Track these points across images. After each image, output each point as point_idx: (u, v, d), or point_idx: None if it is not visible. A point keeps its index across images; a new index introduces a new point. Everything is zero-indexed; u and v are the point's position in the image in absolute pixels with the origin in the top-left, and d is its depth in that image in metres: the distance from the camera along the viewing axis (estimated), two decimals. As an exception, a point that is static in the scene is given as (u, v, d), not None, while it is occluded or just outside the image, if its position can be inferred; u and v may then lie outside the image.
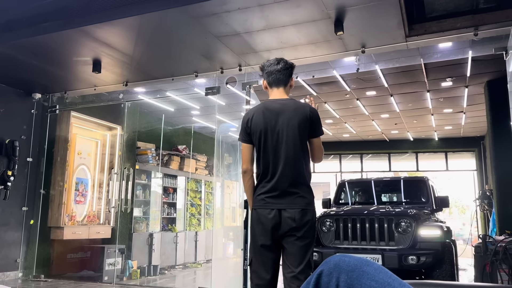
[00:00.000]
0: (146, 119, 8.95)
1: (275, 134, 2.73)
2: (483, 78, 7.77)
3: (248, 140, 2.82)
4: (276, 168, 2.70)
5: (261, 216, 2.69)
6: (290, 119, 2.72)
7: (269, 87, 2.92)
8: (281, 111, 2.75)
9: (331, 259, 1.01)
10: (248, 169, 2.82)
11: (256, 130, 2.77)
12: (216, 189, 10.66)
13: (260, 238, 2.70)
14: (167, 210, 9.54)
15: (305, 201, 2.68)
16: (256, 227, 2.73)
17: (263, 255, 2.70)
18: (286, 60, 2.95)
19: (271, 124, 2.74)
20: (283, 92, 2.88)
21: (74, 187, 7.36)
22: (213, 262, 6.71)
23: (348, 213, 5.92)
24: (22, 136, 6.84)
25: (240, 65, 5.78)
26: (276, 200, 2.68)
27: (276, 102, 2.82)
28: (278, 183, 2.68)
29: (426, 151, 13.87)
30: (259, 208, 2.73)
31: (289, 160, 2.70)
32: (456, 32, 4.68)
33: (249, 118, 2.82)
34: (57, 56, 5.64)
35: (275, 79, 2.88)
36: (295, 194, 2.67)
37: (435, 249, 5.32)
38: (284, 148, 2.70)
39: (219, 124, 8.90)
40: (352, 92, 8.60)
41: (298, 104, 2.80)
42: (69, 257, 7.28)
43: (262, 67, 2.96)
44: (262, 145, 2.75)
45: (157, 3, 4.31)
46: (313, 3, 4.15)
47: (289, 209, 2.64)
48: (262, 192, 2.73)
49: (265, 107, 2.82)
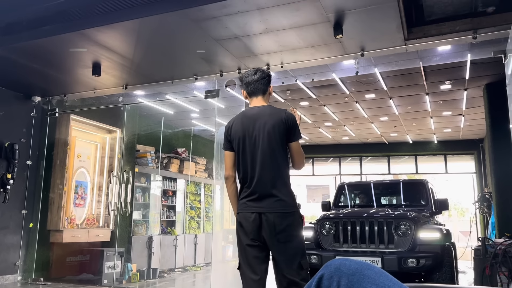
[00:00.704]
0: (145, 122, 8.95)
1: (252, 139, 2.82)
2: (482, 81, 7.79)
3: (229, 147, 2.93)
4: (254, 173, 2.78)
5: (243, 219, 2.77)
6: (265, 123, 2.81)
7: (248, 96, 3.04)
8: (258, 117, 2.86)
9: (332, 262, 1.02)
10: (230, 175, 2.91)
11: (235, 137, 2.88)
12: (216, 192, 10.63)
13: (244, 238, 2.77)
14: (166, 213, 9.53)
15: (283, 204, 2.72)
16: (239, 229, 2.80)
17: (249, 254, 2.73)
18: (263, 70, 3.06)
19: (248, 130, 2.84)
20: (262, 100, 2.99)
21: (74, 190, 7.35)
22: (212, 265, 6.70)
23: (347, 215, 5.90)
24: (22, 139, 6.84)
25: (240, 68, 5.79)
26: (255, 203, 2.75)
27: (254, 108, 2.95)
28: (257, 187, 2.76)
29: (426, 154, 13.88)
30: (241, 211, 2.81)
31: (266, 164, 2.77)
32: (455, 35, 4.70)
33: (229, 126, 2.96)
34: (57, 59, 5.64)
35: (253, 89, 2.99)
36: (274, 198, 2.72)
37: (434, 251, 5.31)
38: (261, 152, 2.78)
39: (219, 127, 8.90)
40: (351, 95, 8.61)
41: (274, 109, 2.91)
42: (68, 260, 7.27)
43: (240, 78, 3.08)
44: (241, 151, 2.85)
45: (157, 6, 4.32)
46: (313, 7, 4.17)
47: (268, 213, 2.69)
48: (243, 197, 2.82)
49: (243, 115, 2.96)
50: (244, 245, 2.76)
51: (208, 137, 10.58)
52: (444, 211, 6.92)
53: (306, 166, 15.14)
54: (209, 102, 7.09)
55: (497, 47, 4.91)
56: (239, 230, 2.81)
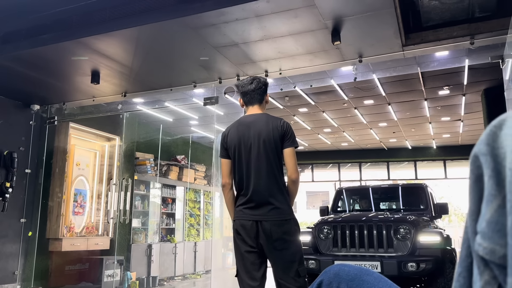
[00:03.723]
0: (144, 129, 8.96)
1: (247, 147, 2.84)
2: (480, 86, 7.82)
3: (226, 155, 2.95)
4: (249, 180, 2.80)
5: (240, 226, 2.78)
6: (261, 131, 2.84)
7: (245, 105, 3.06)
8: (253, 125, 2.88)
9: (331, 268, 1.01)
10: (226, 182, 2.92)
11: (231, 145, 2.91)
12: (215, 199, 10.62)
13: (241, 245, 2.77)
14: (166, 221, 9.50)
15: (279, 211, 2.72)
16: (236, 236, 2.81)
17: (246, 261, 2.74)
18: (260, 78, 3.07)
19: (244, 138, 2.87)
20: (258, 108, 3.01)
21: (73, 198, 7.33)
22: (212, 273, 6.68)
23: (346, 219, 5.81)
24: (21, 147, 6.84)
25: (238, 75, 5.80)
26: (252, 211, 2.76)
27: (250, 116, 2.98)
28: (253, 195, 2.77)
29: (425, 159, 13.89)
30: (238, 219, 2.81)
31: (261, 172, 2.78)
32: (453, 41, 4.72)
33: (225, 134, 2.98)
34: (55, 68, 5.65)
35: (249, 99, 3.01)
36: (270, 205, 2.73)
37: (435, 255, 5.20)
38: (255, 160, 2.80)
39: (218, 134, 8.90)
40: (350, 101, 8.63)
41: (270, 118, 2.93)
42: (68, 269, 7.23)
43: (237, 86, 3.08)
44: (237, 158, 2.87)
45: (156, 14, 4.34)
46: (310, 14, 4.18)
47: (265, 221, 2.70)
48: (240, 204, 2.83)
49: (239, 123, 2.99)
50: (241, 251, 2.77)
51: (207, 144, 10.58)
52: (444, 216, 6.86)
53: (305, 173, 15.13)
54: (208, 109, 7.09)
55: (495, 53, 4.93)
56: (236, 237, 2.83)
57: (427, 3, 4.33)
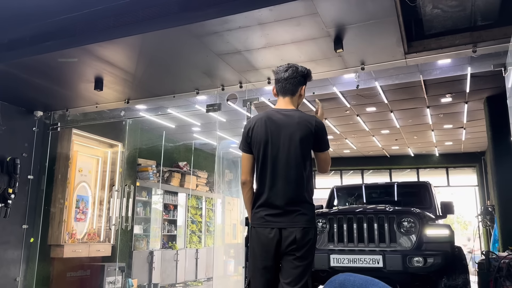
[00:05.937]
0: (147, 136, 8.97)
1: (275, 149, 2.60)
2: (483, 94, 7.82)
3: (248, 150, 2.68)
4: (274, 185, 2.58)
5: (261, 236, 2.57)
6: (292, 133, 2.59)
7: (277, 94, 2.79)
8: (284, 124, 2.61)
9: (336, 278, 1.01)
10: (247, 180, 2.68)
11: (256, 141, 2.64)
12: (217, 206, 10.63)
13: (261, 260, 2.58)
14: (167, 227, 9.48)
15: (306, 218, 2.56)
16: (256, 247, 2.60)
17: (263, 277, 2.57)
18: (297, 66, 2.77)
19: (272, 137, 2.61)
20: (289, 102, 2.73)
21: (75, 204, 7.34)
22: (214, 280, 6.65)
23: (343, 211, 5.27)
24: (24, 153, 6.85)
25: (241, 82, 5.82)
26: (276, 218, 2.55)
27: (280, 112, 2.68)
28: (277, 200, 2.56)
29: (427, 167, 13.86)
30: (258, 226, 2.60)
31: (289, 177, 2.57)
32: (455, 49, 4.73)
33: (250, 127, 2.68)
34: (59, 75, 5.68)
35: (281, 88, 2.74)
36: (296, 212, 2.54)
37: (443, 250, 4.65)
38: (284, 164, 2.58)
39: (220, 141, 8.93)
40: (352, 108, 8.64)
41: (302, 117, 2.64)
42: (69, 276, 7.21)
43: (274, 72, 2.81)
44: (261, 158, 2.62)
45: (159, 22, 4.37)
46: (313, 22, 4.20)
47: (290, 228, 2.52)
48: (261, 209, 2.61)
49: (267, 117, 2.67)
50: (260, 267, 2.58)
51: (209, 150, 10.59)
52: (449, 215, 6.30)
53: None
54: (211, 116, 7.11)
55: (497, 61, 4.93)
56: (255, 248, 2.61)
57: (430, 11, 4.35)
